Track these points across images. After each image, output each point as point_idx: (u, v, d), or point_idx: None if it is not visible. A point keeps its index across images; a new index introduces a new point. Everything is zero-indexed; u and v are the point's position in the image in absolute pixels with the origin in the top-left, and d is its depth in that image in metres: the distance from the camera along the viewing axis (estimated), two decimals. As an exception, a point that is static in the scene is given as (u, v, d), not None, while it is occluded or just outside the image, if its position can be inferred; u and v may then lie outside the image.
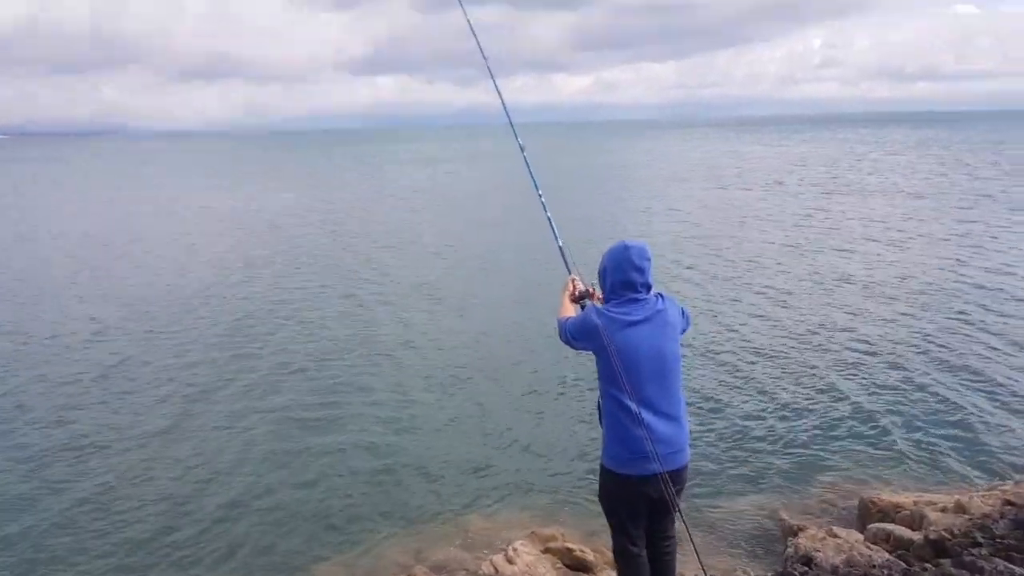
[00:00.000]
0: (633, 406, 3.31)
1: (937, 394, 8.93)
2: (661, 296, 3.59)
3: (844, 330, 11.58)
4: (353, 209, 30.48)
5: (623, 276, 3.52)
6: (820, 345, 10.89)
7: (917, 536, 4.94)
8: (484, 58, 5.41)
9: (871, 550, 4.80)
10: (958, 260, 16.38)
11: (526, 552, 5.12)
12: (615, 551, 3.71)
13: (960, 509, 5.58)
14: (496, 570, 4.96)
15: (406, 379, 10.08)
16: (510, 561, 5.02)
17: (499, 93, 5.25)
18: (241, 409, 9.15)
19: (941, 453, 7.50)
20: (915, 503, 6.00)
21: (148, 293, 15.52)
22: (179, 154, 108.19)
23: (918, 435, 7.90)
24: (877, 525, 5.39)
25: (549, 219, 4.44)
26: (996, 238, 18.98)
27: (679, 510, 3.34)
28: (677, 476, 3.44)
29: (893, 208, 25.46)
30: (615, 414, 3.45)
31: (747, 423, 8.31)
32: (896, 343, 10.83)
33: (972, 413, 8.35)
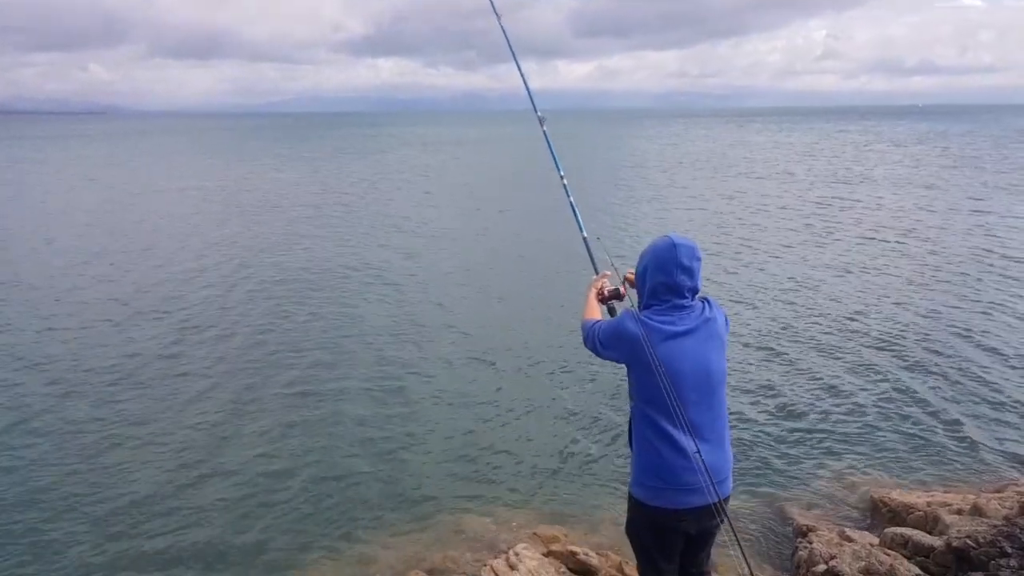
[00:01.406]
0: (672, 430, 2.90)
1: (945, 388, 8.75)
2: (707, 302, 3.12)
3: (853, 321, 11.35)
4: (371, 192, 30.02)
5: (668, 279, 3.03)
6: (828, 337, 10.64)
7: (937, 542, 4.71)
8: (501, 27, 5.02)
9: (890, 556, 4.57)
10: (973, 251, 16.23)
11: (528, 556, 4.86)
12: None
13: (977, 511, 5.35)
14: (496, 575, 4.71)
15: (404, 371, 9.67)
16: (512, 567, 4.75)
17: (518, 64, 4.83)
18: (228, 399, 8.79)
19: (949, 447, 7.32)
20: (928, 504, 5.77)
21: (173, 280, 14.97)
22: (181, 134, 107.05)
23: (926, 429, 7.71)
24: (893, 529, 5.15)
25: (572, 206, 3.97)
26: (1014, 227, 18.93)
27: (744, 555, 2.75)
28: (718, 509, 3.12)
29: (904, 198, 25.25)
30: (648, 438, 3.00)
31: (752, 415, 8.09)
32: (906, 336, 10.59)
33: (981, 407, 8.16)
